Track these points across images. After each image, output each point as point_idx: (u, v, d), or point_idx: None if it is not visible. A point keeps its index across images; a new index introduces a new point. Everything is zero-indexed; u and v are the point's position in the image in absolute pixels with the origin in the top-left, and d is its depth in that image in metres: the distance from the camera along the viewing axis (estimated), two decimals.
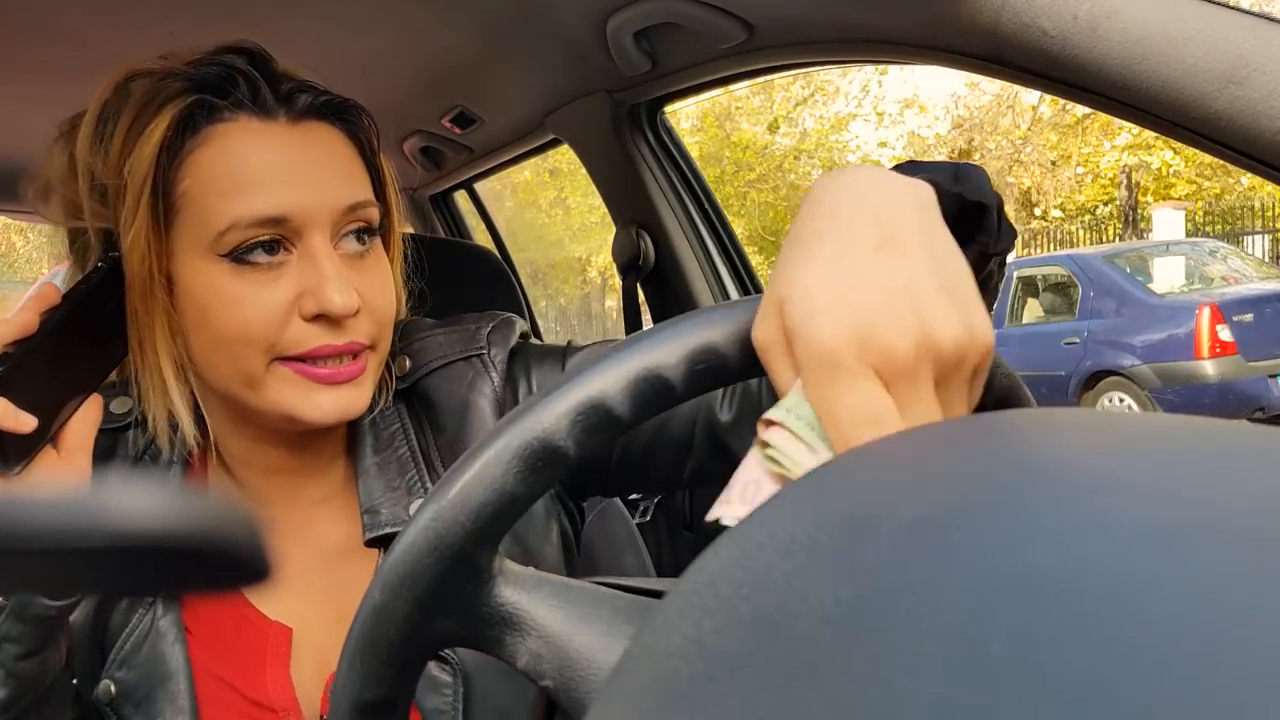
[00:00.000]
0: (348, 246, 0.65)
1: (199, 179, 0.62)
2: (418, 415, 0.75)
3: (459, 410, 0.72)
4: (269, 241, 0.62)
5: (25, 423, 0.56)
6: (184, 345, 0.64)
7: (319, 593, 0.71)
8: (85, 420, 0.62)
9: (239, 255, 0.61)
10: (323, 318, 0.62)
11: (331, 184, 0.64)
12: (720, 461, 0.68)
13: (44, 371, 0.59)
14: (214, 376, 0.65)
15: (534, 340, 0.79)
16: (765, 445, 0.33)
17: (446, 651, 0.68)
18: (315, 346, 0.62)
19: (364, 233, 0.67)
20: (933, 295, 0.32)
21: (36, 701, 0.62)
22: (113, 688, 0.67)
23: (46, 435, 0.59)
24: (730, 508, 0.33)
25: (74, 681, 0.69)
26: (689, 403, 0.66)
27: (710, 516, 0.33)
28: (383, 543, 0.69)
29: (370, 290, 0.66)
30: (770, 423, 0.33)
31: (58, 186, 0.66)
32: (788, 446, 0.33)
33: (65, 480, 0.60)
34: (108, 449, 0.71)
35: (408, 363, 0.74)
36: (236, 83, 0.63)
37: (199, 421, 0.68)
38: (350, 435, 0.74)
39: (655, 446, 0.70)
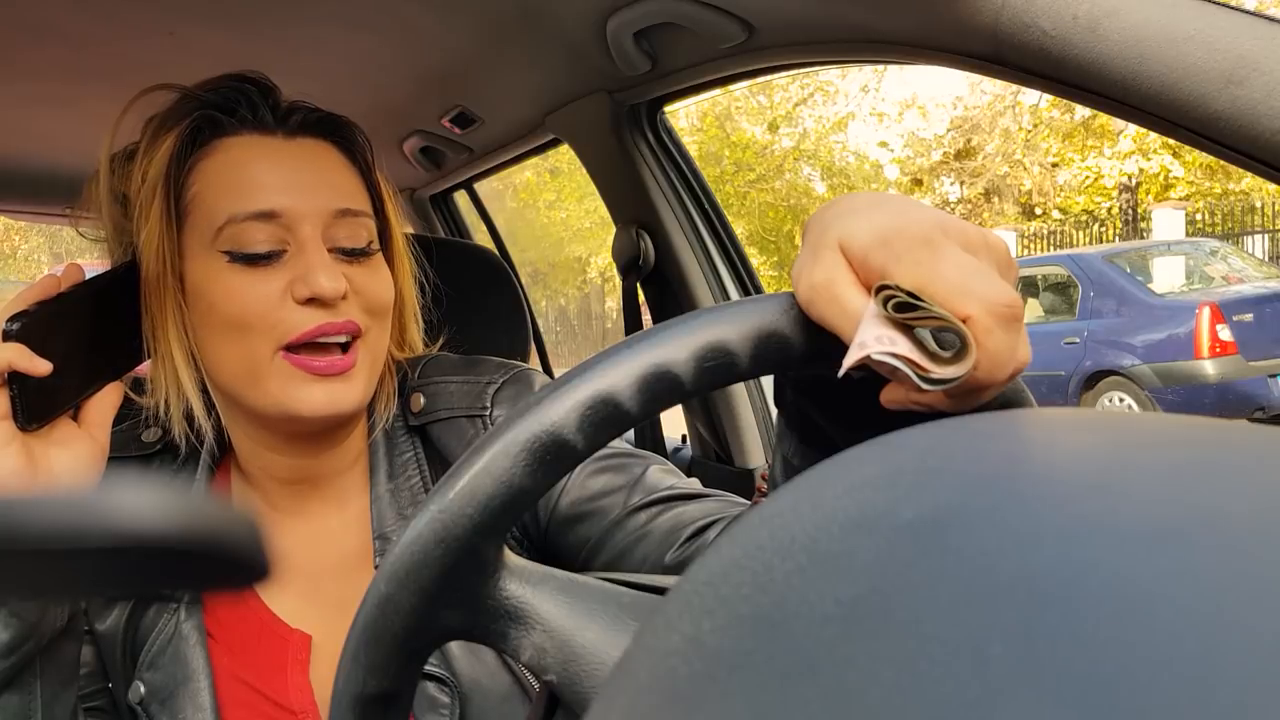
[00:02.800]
0: (341, 253, 0.69)
1: (205, 184, 0.67)
2: (430, 452, 0.77)
3: None
4: (264, 237, 0.66)
5: (40, 365, 0.60)
6: (194, 340, 0.68)
7: (333, 602, 0.73)
8: (105, 400, 0.67)
9: (236, 249, 0.66)
10: (315, 301, 0.66)
11: (323, 189, 0.69)
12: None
13: (64, 336, 0.63)
14: (221, 373, 0.68)
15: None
16: (890, 297, 0.34)
17: (444, 673, 0.70)
18: (316, 326, 0.66)
19: (357, 252, 0.70)
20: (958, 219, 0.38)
21: (37, 649, 0.65)
22: (142, 688, 0.70)
23: (66, 403, 0.64)
24: (866, 349, 0.34)
25: (110, 685, 0.74)
26: (653, 539, 0.68)
27: (847, 365, 0.34)
28: None
29: (361, 279, 0.69)
30: (883, 288, 0.34)
31: (95, 207, 0.73)
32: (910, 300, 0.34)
33: (81, 449, 0.64)
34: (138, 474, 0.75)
35: (423, 401, 0.77)
36: (241, 103, 0.70)
37: (215, 427, 0.73)
38: (366, 454, 0.77)
39: (611, 569, 0.71)
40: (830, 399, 0.44)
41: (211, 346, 0.67)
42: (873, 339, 0.34)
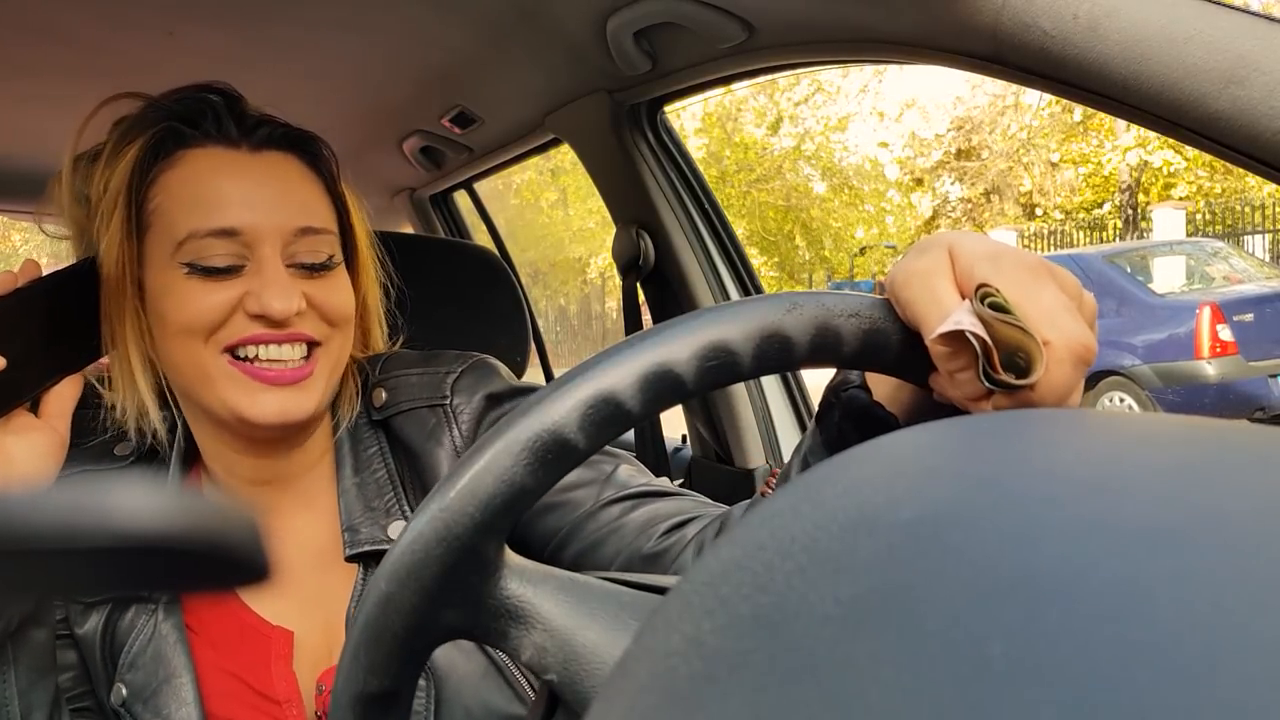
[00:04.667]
0: (300, 268, 0.70)
1: (168, 196, 0.68)
2: (395, 445, 0.79)
3: (420, 455, 0.77)
4: (223, 252, 0.67)
5: None
6: (150, 344, 0.69)
7: (306, 598, 0.74)
8: (63, 393, 0.68)
9: (195, 262, 0.66)
10: (264, 318, 0.67)
11: (285, 206, 0.69)
12: None
13: (20, 330, 0.64)
14: (175, 374, 0.70)
15: (514, 382, 0.82)
16: (987, 294, 0.37)
17: None
18: (254, 334, 0.67)
19: (316, 267, 0.70)
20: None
21: (7, 632, 0.66)
22: (124, 690, 0.71)
23: (22, 394, 0.65)
24: (960, 325, 0.37)
25: (94, 688, 0.74)
26: (627, 531, 0.70)
27: (939, 330, 0.37)
28: (362, 559, 0.74)
29: (319, 293, 0.70)
30: (983, 287, 0.37)
31: (58, 204, 0.73)
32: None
33: (39, 439, 0.66)
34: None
35: (384, 395, 0.79)
36: (206, 115, 0.70)
37: (181, 428, 0.74)
38: (331, 452, 0.79)
39: (578, 563, 0.73)
40: (875, 432, 0.45)
41: (165, 351, 0.68)
42: (968, 320, 0.37)
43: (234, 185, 0.68)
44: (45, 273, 0.67)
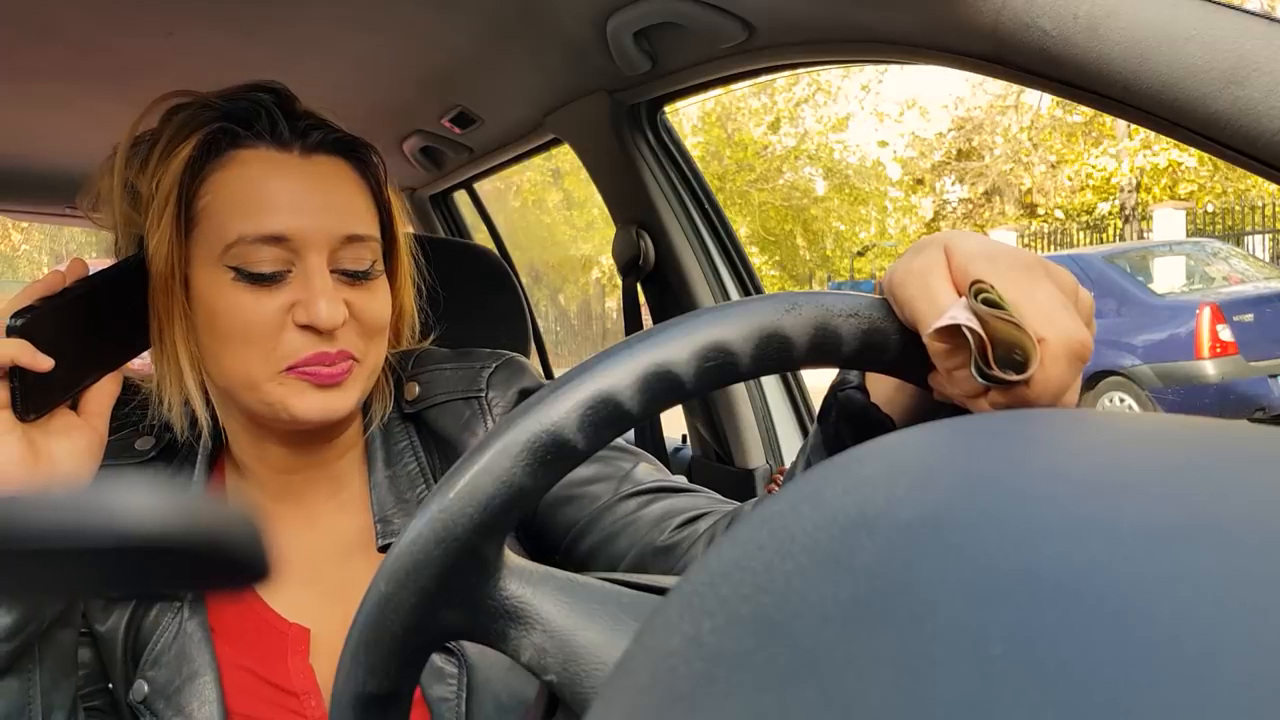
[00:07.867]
0: (344, 275, 0.71)
1: (217, 196, 0.68)
2: (425, 438, 0.80)
3: (455, 445, 0.79)
4: (270, 258, 0.68)
5: (42, 362, 0.60)
6: (196, 342, 0.70)
7: (329, 589, 0.75)
8: (104, 390, 0.67)
9: (243, 267, 0.67)
10: (312, 328, 0.68)
11: (333, 212, 0.70)
12: None
13: (66, 331, 0.64)
14: (220, 375, 0.70)
15: (543, 381, 0.84)
16: (982, 290, 0.37)
17: (450, 642, 0.70)
18: (311, 354, 0.68)
19: (360, 275, 0.71)
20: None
21: (39, 632, 0.65)
22: (145, 687, 0.72)
23: (65, 393, 0.65)
24: (955, 320, 0.37)
25: (110, 685, 0.75)
26: (642, 524, 0.71)
27: (935, 325, 0.37)
28: None
29: (360, 304, 0.71)
30: (978, 283, 0.38)
31: (105, 196, 0.73)
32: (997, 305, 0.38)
33: (80, 438, 0.65)
34: None
35: (417, 389, 0.81)
36: (260, 116, 0.70)
37: (212, 421, 0.75)
38: (362, 443, 0.80)
39: (594, 554, 0.74)
40: (871, 433, 0.46)
41: (213, 353, 0.69)
42: (963, 316, 0.37)
43: (283, 189, 0.69)
44: (91, 270, 0.67)
